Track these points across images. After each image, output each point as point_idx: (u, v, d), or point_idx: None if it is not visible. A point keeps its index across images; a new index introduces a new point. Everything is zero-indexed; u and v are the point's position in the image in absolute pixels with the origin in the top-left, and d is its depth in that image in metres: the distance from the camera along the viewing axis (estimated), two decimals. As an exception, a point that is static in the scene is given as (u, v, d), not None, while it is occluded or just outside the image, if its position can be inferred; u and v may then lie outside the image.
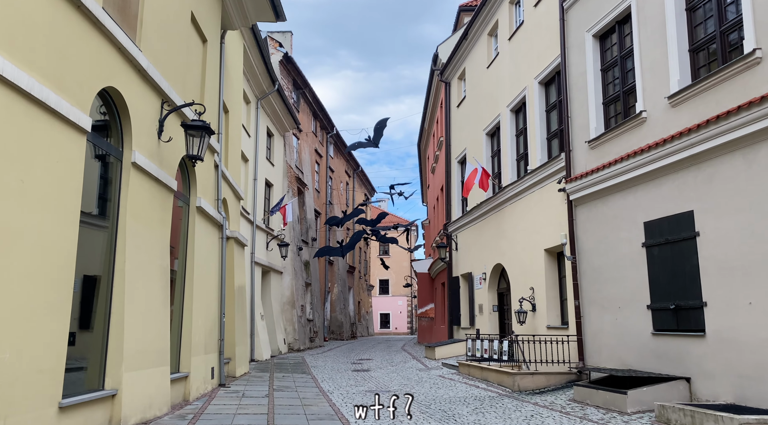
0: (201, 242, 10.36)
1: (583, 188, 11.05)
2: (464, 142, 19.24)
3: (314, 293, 25.92)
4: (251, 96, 18.34)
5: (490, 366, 12.29)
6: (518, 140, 15.09)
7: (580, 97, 11.48)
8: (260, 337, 18.10)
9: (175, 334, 9.48)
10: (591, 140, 10.94)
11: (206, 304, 10.74)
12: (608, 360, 10.26)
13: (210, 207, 10.79)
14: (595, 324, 10.75)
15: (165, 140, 8.18)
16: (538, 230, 13.17)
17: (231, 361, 13.04)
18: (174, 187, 8.62)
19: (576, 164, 11.50)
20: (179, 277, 9.73)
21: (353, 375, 14.34)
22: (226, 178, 12.69)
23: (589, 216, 11.08)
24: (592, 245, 10.95)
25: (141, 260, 7.53)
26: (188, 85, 9.50)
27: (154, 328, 7.89)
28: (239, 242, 13.98)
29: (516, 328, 13.79)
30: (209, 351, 10.87)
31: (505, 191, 14.99)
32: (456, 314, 19.22)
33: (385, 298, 54.54)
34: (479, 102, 17.83)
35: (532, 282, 13.39)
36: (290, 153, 23.59)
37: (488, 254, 16.46)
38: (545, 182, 12.87)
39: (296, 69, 24.18)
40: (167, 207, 8.53)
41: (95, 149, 6.79)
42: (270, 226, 20.55)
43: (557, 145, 13.05)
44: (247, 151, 17.72)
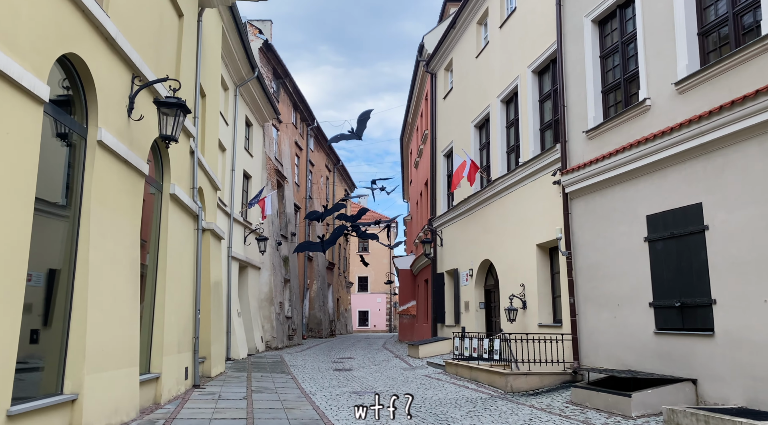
0: (175, 233, 9.63)
1: (579, 180, 10.56)
2: (451, 134, 18.69)
3: (293, 289, 25.18)
4: (229, 82, 17.55)
5: (479, 366, 11.76)
6: (509, 131, 14.59)
7: (577, 85, 10.99)
8: (237, 335, 17.36)
9: (145, 332, 8.76)
10: (589, 130, 10.45)
11: (180, 300, 10.02)
12: (606, 360, 9.78)
13: (185, 195, 10.06)
14: (591, 322, 10.28)
15: (136, 119, 7.46)
16: (529, 225, 12.67)
17: (206, 360, 12.33)
18: (145, 171, 7.89)
19: (572, 155, 11.01)
20: (151, 270, 9.00)
21: (335, 374, 13.71)
22: (203, 166, 11.94)
23: (586, 210, 10.59)
24: (588, 239, 10.46)
25: (107, 250, 6.80)
26: (162, 62, 8.76)
27: (122, 325, 7.18)
28: (216, 235, 13.24)
29: (505, 326, 13.29)
30: (183, 350, 10.15)
31: (494, 185, 14.48)
32: (440, 312, 18.69)
33: (364, 295, 53.85)
34: (467, 93, 17.29)
35: (522, 279, 12.90)
36: (269, 144, 22.81)
37: (475, 250, 15.94)
38: (538, 174, 12.37)
39: (276, 58, 23.39)
40: (138, 193, 7.80)
41: (56, 126, 6.06)
42: (248, 219, 19.78)
43: (551, 136, 12.57)
44: (224, 140, 16.94)
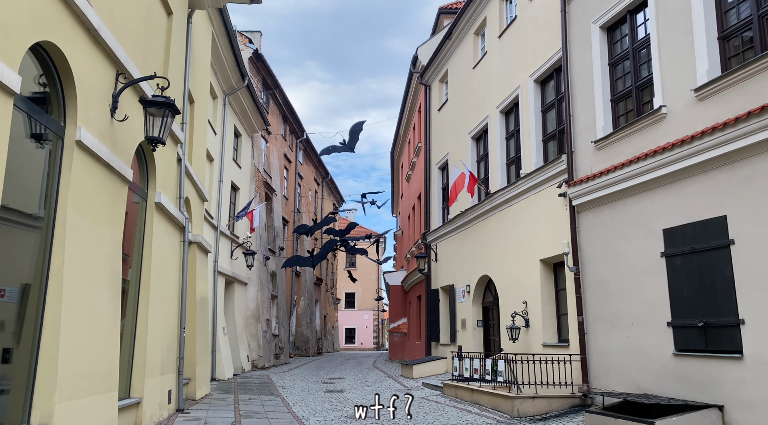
0: (160, 245, 8.95)
1: (588, 192, 10.08)
2: (446, 147, 18.21)
3: (280, 306, 24.40)
4: (218, 91, 16.95)
5: (481, 388, 11.13)
6: (508, 142, 14.12)
7: (584, 94, 10.55)
8: (222, 354, 16.56)
9: (126, 352, 8.04)
10: (598, 141, 9.99)
11: (164, 317, 9.32)
12: (619, 383, 9.22)
13: (171, 205, 9.40)
14: (601, 342, 9.73)
15: (120, 119, 6.83)
16: (532, 239, 12.15)
17: (191, 382, 11.57)
18: (129, 177, 7.24)
19: (579, 166, 10.54)
20: (133, 285, 8.30)
21: (327, 396, 13.00)
22: (190, 175, 11.29)
23: (594, 223, 10.10)
24: (598, 254, 9.95)
25: (85, 263, 6.13)
26: (149, 61, 8.15)
27: (100, 346, 6.48)
28: (203, 248, 12.54)
29: (507, 346, 12.70)
30: (166, 372, 9.42)
31: (493, 198, 13.97)
32: (435, 330, 18.05)
33: (351, 312, 52.93)
34: (463, 105, 16.85)
35: (525, 296, 12.34)
36: (258, 156, 22.18)
37: (473, 265, 15.38)
38: (541, 186, 11.88)
39: (266, 68, 22.86)
40: (120, 201, 7.15)
41: (29, 123, 5.42)
42: (235, 233, 19.07)
43: (555, 147, 12.10)
44: (212, 150, 16.29)
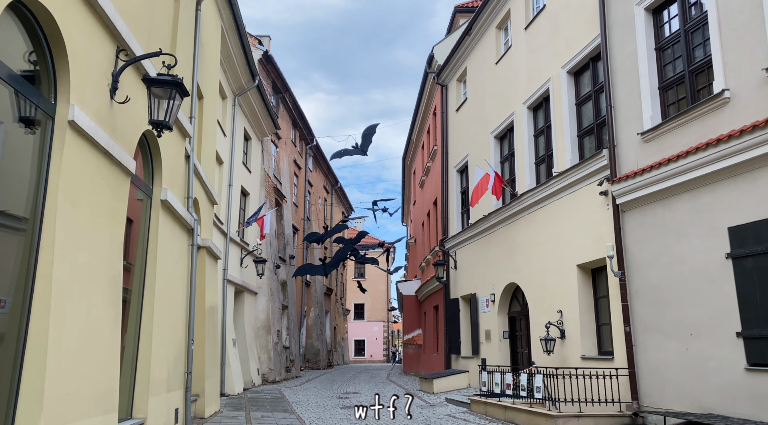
0: (166, 248, 8.11)
1: (634, 189, 9.18)
2: (465, 148, 17.34)
3: (291, 317, 23.48)
4: (228, 91, 16.17)
5: (515, 405, 10.18)
6: (537, 140, 13.24)
7: (627, 83, 9.69)
8: (232, 367, 15.65)
9: (128, 368, 7.17)
10: (645, 132, 9.11)
11: (170, 328, 8.45)
12: (676, 401, 8.26)
13: (179, 204, 8.56)
14: (653, 354, 8.78)
15: (120, 101, 6.00)
16: (568, 243, 11.23)
17: (199, 398, 10.68)
18: (132, 168, 6.41)
19: (623, 161, 9.65)
20: (136, 291, 7.44)
21: (344, 413, 12.06)
22: (199, 174, 10.47)
23: (643, 223, 9.18)
24: (647, 257, 9.04)
25: (79, 264, 5.28)
26: (154, 41, 7.34)
27: (97, 361, 5.61)
28: (212, 254, 11.69)
29: (539, 358, 11.74)
30: (173, 388, 8.54)
31: (521, 200, 13.07)
32: (455, 342, 17.08)
33: (360, 323, 51.84)
34: (485, 103, 16.00)
35: (559, 304, 11.40)
36: (268, 161, 21.39)
37: (498, 273, 14.46)
38: (578, 185, 10.98)
39: (276, 70, 22.12)
40: (121, 195, 6.31)
41: (16, 99, 4.60)
42: (245, 240, 18.22)
43: (591, 142, 11.22)
44: (222, 152, 15.49)
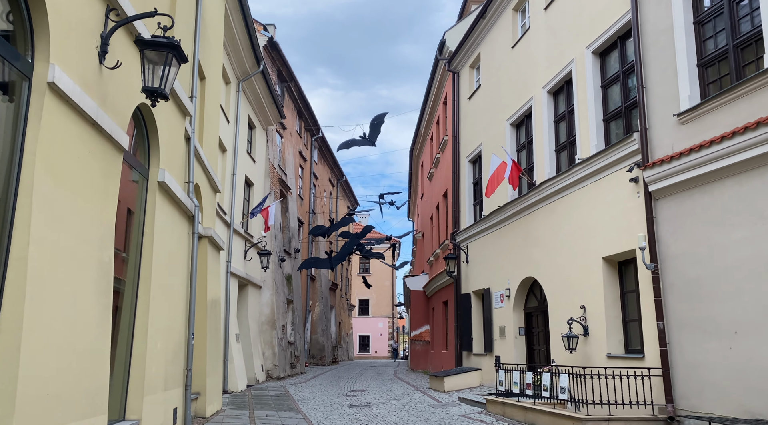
0: (164, 235, 7.47)
1: (670, 175, 8.50)
2: (479, 138, 16.66)
3: (296, 311, 22.87)
4: (232, 76, 15.52)
5: (537, 406, 9.53)
6: (557, 126, 12.55)
7: (661, 61, 8.99)
8: (235, 363, 15.04)
9: (121, 365, 6.55)
10: (682, 113, 8.42)
11: (169, 321, 7.82)
12: (718, 404, 7.60)
13: (178, 188, 7.92)
14: (690, 353, 8.11)
15: (110, 67, 5.35)
16: (592, 234, 10.56)
17: (200, 396, 10.06)
18: (124, 144, 5.76)
19: (656, 145, 8.97)
20: (130, 281, 6.81)
21: (353, 413, 11.44)
22: (201, 159, 9.82)
23: (679, 212, 8.50)
24: (683, 249, 8.36)
25: (63, 246, 4.64)
26: (150, 7, 6.68)
27: (84, 357, 4.98)
28: (215, 244, 11.06)
29: (559, 356, 11.08)
30: (171, 386, 7.92)
31: (540, 189, 12.39)
32: (467, 338, 16.44)
33: (365, 319, 51.24)
34: (500, 89, 15.31)
35: (582, 299, 10.73)
36: (273, 151, 20.74)
37: (513, 267, 13.79)
38: (604, 173, 10.30)
39: (282, 58, 21.45)
40: (113, 173, 5.66)
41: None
42: (249, 231, 17.59)
43: (618, 127, 10.53)
44: (225, 139, 14.84)
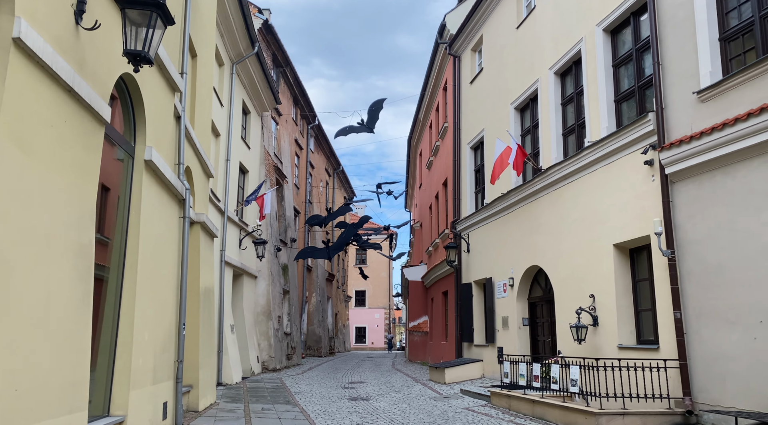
0: (151, 218, 6.97)
1: (689, 156, 8.04)
2: (480, 123, 16.17)
3: (292, 302, 22.42)
4: (225, 57, 14.96)
5: (545, 400, 9.11)
6: (565, 109, 12.07)
7: (680, 35, 8.51)
8: (230, 355, 14.59)
9: (105, 357, 6.08)
10: (703, 90, 7.95)
11: (158, 311, 7.34)
12: (741, 397, 7.18)
13: (167, 168, 7.42)
14: (710, 344, 7.69)
15: (88, 27, 4.83)
16: (602, 221, 10.11)
17: (192, 389, 9.63)
18: (106, 116, 5.26)
19: (673, 125, 8.50)
20: (115, 268, 6.33)
21: (352, 405, 11.02)
22: (192, 140, 9.31)
23: (698, 195, 8.05)
24: (703, 234, 7.92)
25: (32, 225, 4.15)
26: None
27: (60, 349, 4.51)
28: (208, 231, 10.56)
29: (567, 347, 10.66)
30: (160, 379, 7.45)
31: (546, 175, 11.92)
32: (467, 329, 16.02)
33: (361, 310, 50.88)
34: (504, 72, 14.81)
35: (591, 288, 10.30)
36: (268, 138, 20.19)
37: (517, 255, 13.35)
38: (616, 155, 9.84)
39: (277, 42, 20.85)
40: (93, 148, 5.16)
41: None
42: (244, 220, 17.09)
43: (631, 108, 10.06)
44: (218, 123, 14.31)
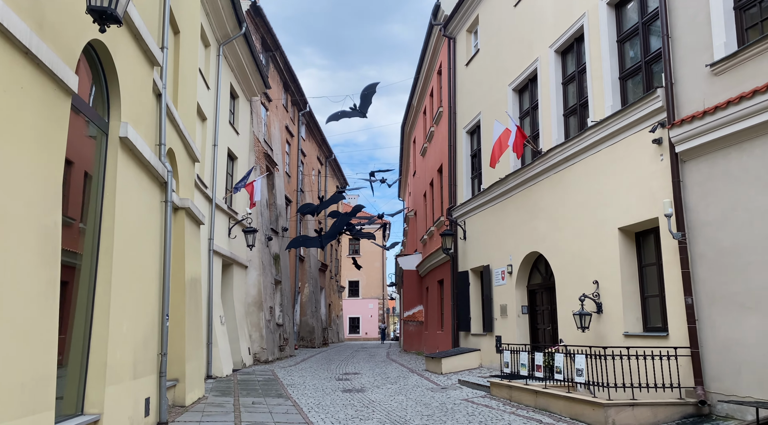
0: (129, 202, 6.47)
1: (701, 133, 7.60)
2: (477, 106, 15.68)
3: (284, 292, 21.95)
4: (212, 38, 14.37)
5: (548, 390, 8.71)
6: (566, 89, 11.60)
7: (690, 5, 8.04)
8: (220, 347, 14.13)
9: (77, 351, 5.60)
10: (716, 63, 7.50)
11: (138, 301, 6.85)
12: (756, 387, 6.79)
13: (146, 148, 6.90)
14: (724, 331, 7.29)
15: (47, -18, 4.31)
16: (606, 203, 9.68)
17: (179, 383, 9.17)
18: (72, 85, 4.74)
19: (684, 101, 8.05)
20: (88, 254, 5.83)
21: (347, 398, 10.59)
22: (175, 120, 8.78)
23: (711, 174, 7.62)
24: (717, 215, 7.50)
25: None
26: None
27: (21, 342, 4.02)
28: (193, 217, 10.05)
29: (569, 336, 10.25)
30: (142, 374, 6.98)
31: (546, 158, 11.47)
32: (464, 318, 15.61)
33: (355, 301, 50.49)
34: (501, 52, 14.31)
35: (595, 274, 9.88)
36: (258, 124, 19.62)
37: (516, 242, 12.92)
38: (621, 135, 9.39)
39: (266, 25, 20.24)
40: (58, 119, 4.65)
41: None
42: (233, 208, 16.56)
43: (637, 85, 9.60)
44: (205, 107, 13.75)
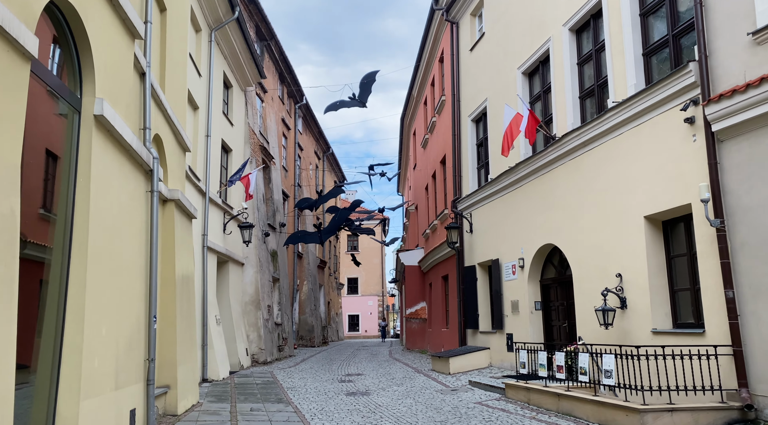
0: (107, 189, 5.72)
1: (742, 109, 6.88)
2: (483, 92, 14.94)
3: (283, 290, 21.21)
4: (203, 22, 13.59)
5: (572, 393, 8.01)
6: (581, 69, 10.88)
7: (726, -29, 7.33)
8: (216, 349, 13.39)
9: (47, 360, 4.86)
10: (760, 30, 6.78)
11: (120, 301, 6.11)
12: (814, 389, 6.11)
13: (127, 130, 6.14)
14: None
15: None
16: (630, 190, 8.96)
17: (170, 390, 8.43)
18: (31, 48, 3.99)
19: (720, 74, 7.34)
20: (59, 248, 5.08)
21: (351, 402, 9.88)
22: (161, 104, 8.02)
23: (753, 154, 6.91)
24: (760, 199, 6.79)
25: None
26: None
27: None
28: (184, 210, 9.30)
29: (589, 333, 9.54)
30: (125, 383, 6.24)
31: (560, 144, 10.75)
32: (472, 315, 14.91)
33: (354, 298, 49.77)
34: (509, 34, 13.57)
35: (618, 267, 9.17)
36: (253, 115, 18.86)
37: (528, 234, 12.20)
38: (646, 115, 8.67)
39: (260, 13, 19.45)
40: (14, 89, 3.90)
41: None
42: (228, 202, 15.81)
43: (662, 61, 8.87)
44: (197, 95, 12.98)
